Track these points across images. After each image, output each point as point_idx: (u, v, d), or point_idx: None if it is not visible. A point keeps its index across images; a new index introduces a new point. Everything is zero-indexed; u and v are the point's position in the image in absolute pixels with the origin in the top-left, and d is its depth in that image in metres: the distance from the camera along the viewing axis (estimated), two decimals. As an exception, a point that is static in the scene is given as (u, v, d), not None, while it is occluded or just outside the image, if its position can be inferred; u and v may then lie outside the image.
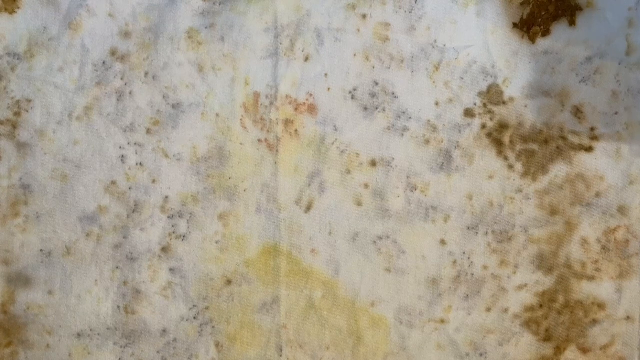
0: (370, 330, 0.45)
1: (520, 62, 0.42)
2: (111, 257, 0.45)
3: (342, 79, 0.43)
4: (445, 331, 0.45)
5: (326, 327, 0.45)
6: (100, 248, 0.45)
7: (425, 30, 0.42)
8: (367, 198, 0.44)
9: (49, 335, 0.46)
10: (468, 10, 0.42)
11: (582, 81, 0.42)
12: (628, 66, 0.42)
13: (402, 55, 0.42)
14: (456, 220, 0.44)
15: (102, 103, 0.43)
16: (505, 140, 0.43)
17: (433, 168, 0.43)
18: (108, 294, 0.45)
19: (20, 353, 0.46)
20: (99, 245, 0.45)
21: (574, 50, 0.42)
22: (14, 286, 0.45)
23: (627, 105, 0.42)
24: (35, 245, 0.45)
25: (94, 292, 0.45)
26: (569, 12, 0.41)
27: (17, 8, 0.42)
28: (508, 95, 0.42)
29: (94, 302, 0.45)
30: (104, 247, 0.45)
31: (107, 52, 0.43)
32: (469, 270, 0.44)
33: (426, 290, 0.45)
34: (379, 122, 0.43)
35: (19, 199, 0.44)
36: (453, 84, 0.42)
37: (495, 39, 0.42)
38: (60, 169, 0.44)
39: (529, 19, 0.42)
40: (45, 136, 0.43)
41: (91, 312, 0.45)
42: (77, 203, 0.44)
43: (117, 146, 0.43)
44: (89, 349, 0.46)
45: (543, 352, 0.45)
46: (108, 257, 0.45)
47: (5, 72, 0.43)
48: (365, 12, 0.42)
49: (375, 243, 0.44)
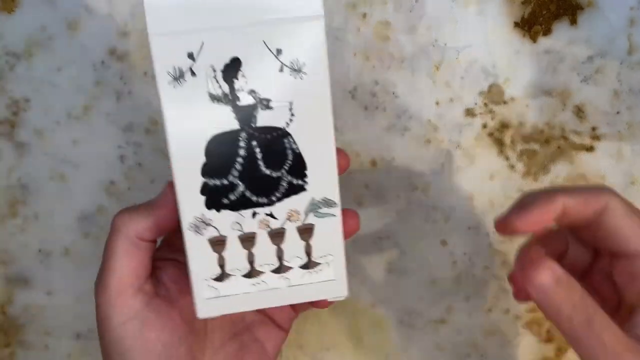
0: (370, 330, 0.45)
1: (521, 62, 0.42)
2: (110, 258, 0.45)
3: (342, 78, 0.43)
4: (445, 332, 0.45)
5: (326, 328, 0.45)
6: (99, 248, 0.45)
7: (425, 30, 0.42)
8: (367, 198, 0.44)
9: (47, 336, 0.46)
10: (469, 10, 0.41)
11: (584, 80, 0.42)
12: (630, 65, 0.42)
13: (402, 54, 0.42)
14: (457, 221, 0.44)
15: (101, 103, 0.43)
16: (506, 140, 0.43)
17: (433, 168, 0.43)
18: (107, 295, 0.45)
19: (19, 354, 0.46)
20: (97, 245, 0.44)
21: (575, 49, 0.42)
22: (13, 286, 0.45)
23: (628, 105, 0.42)
24: (33, 246, 0.45)
25: (93, 292, 0.45)
26: (570, 11, 0.41)
27: (15, 7, 0.42)
28: (509, 95, 0.42)
29: (93, 302, 0.45)
30: (102, 248, 0.45)
31: (106, 52, 0.42)
32: (469, 271, 0.44)
33: (427, 290, 0.45)
34: (379, 121, 0.43)
35: (17, 199, 0.44)
36: (454, 83, 0.42)
37: (496, 38, 0.42)
38: (58, 169, 0.44)
39: (530, 18, 0.41)
40: (43, 136, 0.43)
41: (90, 312, 0.45)
42: (75, 203, 0.44)
43: (116, 146, 0.43)
44: (88, 349, 0.46)
45: (544, 353, 0.45)
46: (107, 258, 0.45)
47: (3, 71, 0.43)
48: (366, 11, 0.42)
49: (375, 243, 0.44)
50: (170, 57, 0.26)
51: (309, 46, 0.27)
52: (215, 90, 0.27)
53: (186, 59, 0.26)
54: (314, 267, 0.30)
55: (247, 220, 0.29)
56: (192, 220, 0.28)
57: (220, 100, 0.27)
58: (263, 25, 0.26)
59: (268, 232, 0.29)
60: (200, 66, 0.26)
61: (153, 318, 0.31)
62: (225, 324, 0.35)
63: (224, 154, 0.28)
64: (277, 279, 0.30)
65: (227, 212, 0.29)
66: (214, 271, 0.29)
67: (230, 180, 0.28)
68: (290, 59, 0.27)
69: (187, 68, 0.26)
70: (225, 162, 0.28)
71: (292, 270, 0.30)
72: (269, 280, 0.30)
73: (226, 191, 0.28)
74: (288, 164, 0.28)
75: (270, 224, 0.29)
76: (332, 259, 0.30)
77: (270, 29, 0.26)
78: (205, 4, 0.26)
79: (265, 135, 0.28)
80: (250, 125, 0.28)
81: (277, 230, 0.29)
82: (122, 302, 0.30)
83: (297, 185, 0.29)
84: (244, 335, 0.35)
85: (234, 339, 0.35)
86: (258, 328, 0.36)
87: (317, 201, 0.29)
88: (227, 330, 0.35)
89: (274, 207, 0.29)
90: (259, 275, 0.30)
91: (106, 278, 0.31)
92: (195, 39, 0.26)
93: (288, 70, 0.27)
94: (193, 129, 0.27)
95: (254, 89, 0.27)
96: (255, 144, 0.28)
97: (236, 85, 0.27)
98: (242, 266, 0.29)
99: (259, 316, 0.36)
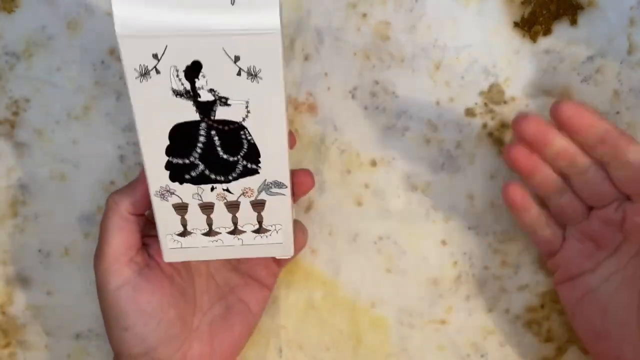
0: (370, 331, 0.45)
1: (522, 61, 0.42)
2: (110, 258, 0.45)
3: (342, 78, 0.43)
4: (446, 332, 0.45)
5: (326, 328, 0.45)
6: (99, 248, 0.45)
7: (425, 29, 0.42)
8: (367, 198, 0.44)
9: (47, 336, 0.46)
10: (469, 9, 0.41)
11: (584, 80, 0.42)
12: (630, 65, 0.41)
13: (402, 54, 0.42)
14: (457, 221, 0.44)
15: (101, 102, 0.43)
16: (506, 139, 0.43)
17: (434, 168, 0.43)
18: (107, 295, 0.45)
19: (19, 354, 0.46)
20: (97, 245, 0.44)
21: (575, 49, 0.42)
22: (12, 287, 0.45)
23: (628, 105, 0.42)
24: (33, 246, 0.45)
25: (93, 292, 0.45)
26: (570, 11, 0.41)
27: (15, 7, 0.42)
28: (509, 95, 0.42)
29: (93, 302, 0.45)
30: (102, 248, 0.45)
31: (106, 52, 0.42)
32: (469, 271, 0.44)
33: (427, 290, 0.44)
34: (379, 121, 0.43)
35: (17, 199, 0.44)
36: (454, 83, 0.42)
37: (496, 38, 0.42)
38: (58, 168, 0.44)
39: (530, 18, 0.41)
40: (43, 136, 0.43)
41: (90, 313, 0.45)
42: (75, 203, 0.44)
43: (115, 146, 0.43)
44: (88, 349, 0.46)
45: (544, 352, 0.45)
46: (107, 258, 0.45)
47: (3, 71, 0.43)
48: (366, 11, 0.42)
49: (375, 243, 0.44)
50: (136, 56, 0.28)
51: (266, 56, 0.29)
52: (178, 87, 0.29)
53: (151, 59, 0.28)
54: (265, 232, 0.35)
55: (206, 192, 0.33)
56: (158, 189, 0.33)
57: (182, 95, 0.30)
58: (223, 36, 0.28)
59: (224, 203, 0.34)
60: (164, 65, 0.29)
61: (144, 284, 0.36)
62: (212, 288, 0.40)
63: (186, 139, 0.31)
64: (232, 239, 0.35)
65: (189, 185, 0.33)
66: (177, 229, 0.34)
67: (191, 161, 0.32)
68: (248, 65, 0.29)
69: (152, 66, 0.29)
70: (187, 145, 0.32)
71: (246, 233, 0.35)
72: (225, 239, 0.35)
73: (188, 169, 0.32)
74: (244, 152, 0.32)
75: (227, 197, 0.34)
76: (280, 227, 0.35)
77: (230, 39, 0.28)
78: (171, 11, 0.28)
79: (223, 127, 0.31)
80: (209, 118, 0.31)
81: (232, 202, 0.34)
82: (116, 270, 0.35)
83: (251, 169, 0.33)
84: (229, 297, 0.40)
85: (220, 302, 0.40)
86: (242, 289, 0.41)
87: (269, 182, 0.33)
88: (213, 294, 0.40)
89: (230, 184, 0.33)
90: (216, 235, 0.35)
91: (103, 249, 0.35)
92: (160, 42, 0.28)
93: (245, 75, 0.29)
94: (158, 118, 0.30)
95: (213, 88, 0.30)
96: (214, 133, 0.31)
97: (197, 84, 0.29)
98: (202, 227, 0.34)
99: (242, 279, 0.41)
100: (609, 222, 0.38)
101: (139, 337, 0.35)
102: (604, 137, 0.36)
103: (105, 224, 0.35)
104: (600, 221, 0.38)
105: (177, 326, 0.37)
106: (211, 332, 0.39)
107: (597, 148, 0.36)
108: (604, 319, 0.38)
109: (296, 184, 0.37)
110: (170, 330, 0.36)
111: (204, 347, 0.38)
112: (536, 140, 0.37)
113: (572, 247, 0.40)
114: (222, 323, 0.39)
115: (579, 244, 0.39)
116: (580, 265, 0.39)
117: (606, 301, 0.38)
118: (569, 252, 0.40)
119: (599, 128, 0.36)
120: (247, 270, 0.41)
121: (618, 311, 0.37)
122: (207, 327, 0.39)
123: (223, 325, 0.39)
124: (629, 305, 0.37)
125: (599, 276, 0.38)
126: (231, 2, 0.28)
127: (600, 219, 0.38)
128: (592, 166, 0.37)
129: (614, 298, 0.38)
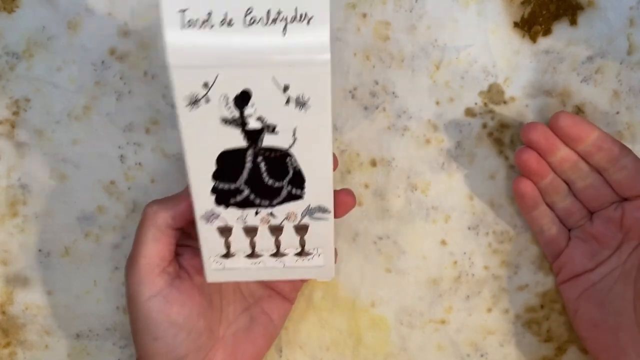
0: (370, 330, 0.45)
1: (521, 62, 0.42)
2: (110, 258, 0.45)
3: (342, 78, 0.43)
4: (445, 332, 0.45)
5: (326, 328, 0.45)
6: (99, 248, 0.45)
7: (425, 29, 0.42)
8: (367, 198, 0.44)
9: (47, 335, 0.46)
10: (469, 10, 0.41)
11: (584, 80, 0.42)
12: (629, 65, 0.42)
13: (402, 54, 0.42)
14: (457, 221, 0.44)
15: (101, 102, 0.43)
16: (506, 139, 0.43)
17: (433, 168, 0.43)
18: (107, 295, 0.45)
19: (19, 353, 0.46)
20: (98, 245, 0.44)
21: (575, 49, 0.42)
22: (13, 286, 0.45)
23: (628, 105, 0.42)
24: (33, 246, 0.45)
25: (93, 292, 0.45)
26: (570, 11, 0.41)
27: (15, 7, 0.42)
28: (509, 95, 0.42)
29: (93, 302, 0.45)
30: (103, 247, 0.45)
31: (106, 52, 0.42)
32: (469, 271, 0.44)
33: (427, 290, 0.44)
34: (379, 121, 0.43)
35: (17, 199, 0.44)
36: (454, 83, 0.42)
37: (496, 38, 0.42)
38: (59, 168, 0.44)
39: (530, 18, 0.41)
40: (44, 136, 0.43)
41: (90, 312, 0.45)
42: (75, 203, 0.44)
43: (116, 146, 0.43)
44: (88, 349, 0.46)
45: (544, 352, 0.45)
46: (107, 258, 0.45)
47: (4, 71, 0.43)
48: (366, 11, 0.42)
49: (375, 243, 0.44)
50: (187, 86, 0.29)
51: (315, 85, 0.29)
52: (227, 115, 0.30)
53: (202, 88, 0.29)
54: (306, 256, 0.35)
55: (250, 216, 0.34)
56: (204, 212, 0.33)
57: (231, 123, 0.30)
58: (274, 66, 0.28)
59: (268, 227, 0.34)
60: (214, 94, 0.29)
61: (175, 295, 0.36)
62: (238, 299, 0.40)
63: (233, 165, 0.32)
64: (274, 261, 0.35)
65: (234, 209, 0.33)
66: (221, 251, 0.35)
67: (237, 186, 0.33)
68: (297, 93, 0.29)
69: (203, 95, 0.29)
70: (233, 171, 0.32)
71: (287, 256, 0.35)
72: (267, 261, 0.35)
73: (234, 193, 0.33)
74: (289, 177, 0.32)
75: (271, 221, 0.34)
76: (322, 251, 0.35)
77: (280, 69, 0.28)
78: (222, 41, 0.28)
79: (270, 153, 0.32)
80: (256, 145, 0.31)
81: (276, 226, 0.34)
82: (149, 280, 0.35)
83: (296, 194, 0.33)
84: (254, 309, 0.41)
85: (244, 313, 0.40)
86: (266, 301, 0.41)
87: (313, 207, 0.34)
88: (239, 305, 0.40)
89: (275, 208, 0.34)
90: (259, 257, 0.35)
91: (137, 260, 0.35)
92: (212, 72, 0.29)
93: (293, 103, 0.30)
94: (206, 144, 0.31)
95: (261, 116, 0.30)
96: (261, 159, 0.32)
97: (245, 112, 0.30)
98: (245, 249, 0.35)
99: (266, 291, 0.41)
100: (610, 220, 0.39)
101: (169, 347, 0.35)
102: (600, 145, 0.38)
103: (141, 233, 0.35)
104: (601, 221, 0.40)
105: (204, 336, 0.37)
106: (235, 342, 0.39)
107: (594, 155, 0.38)
108: (602, 309, 0.39)
109: (338, 204, 0.36)
110: (199, 341, 0.36)
111: (228, 356, 0.38)
112: (543, 147, 0.39)
113: (577, 246, 0.41)
114: (246, 334, 0.40)
115: (583, 244, 0.41)
116: (584, 264, 0.40)
117: (605, 293, 0.39)
118: (573, 252, 0.41)
119: (594, 136, 0.38)
120: (271, 283, 0.41)
121: (615, 301, 0.39)
122: (232, 337, 0.39)
123: (247, 336, 0.40)
124: (626, 294, 0.38)
125: (601, 273, 0.40)
126: (282, 32, 0.28)
127: (601, 219, 0.40)
128: (592, 172, 0.39)
129: (612, 289, 0.39)
